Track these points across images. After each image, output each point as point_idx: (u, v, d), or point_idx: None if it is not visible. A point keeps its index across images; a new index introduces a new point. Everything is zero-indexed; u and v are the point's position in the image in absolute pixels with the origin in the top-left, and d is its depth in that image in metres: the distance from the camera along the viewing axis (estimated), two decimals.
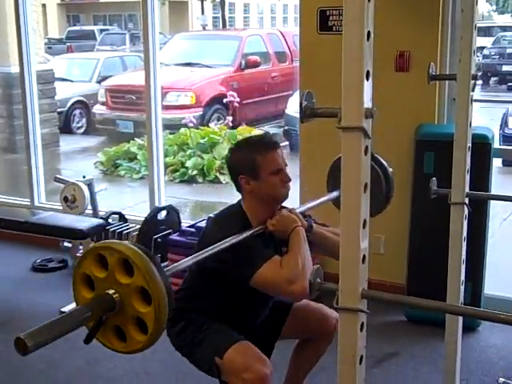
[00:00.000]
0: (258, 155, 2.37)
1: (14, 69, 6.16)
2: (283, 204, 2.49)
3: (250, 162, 2.38)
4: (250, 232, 2.23)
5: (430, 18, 3.74)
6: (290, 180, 2.43)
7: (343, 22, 1.54)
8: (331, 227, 2.54)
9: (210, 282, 2.44)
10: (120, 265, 1.51)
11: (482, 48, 16.28)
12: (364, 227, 1.56)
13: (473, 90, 2.45)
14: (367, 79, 1.50)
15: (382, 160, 2.54)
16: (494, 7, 27.22)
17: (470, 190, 2.54)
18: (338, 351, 1.61)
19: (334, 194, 2.44)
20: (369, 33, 1.50)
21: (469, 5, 2.35)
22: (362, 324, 1.60)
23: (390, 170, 2.57)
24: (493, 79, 15.17)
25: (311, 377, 2.91)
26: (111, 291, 1.52)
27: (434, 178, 2.53)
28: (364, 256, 1.57)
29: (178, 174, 7.75)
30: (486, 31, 17.69)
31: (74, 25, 28.27)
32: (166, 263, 4.42)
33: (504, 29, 18.13)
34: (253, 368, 2.26)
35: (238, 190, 2.46)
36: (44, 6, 24.23)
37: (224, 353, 2.31)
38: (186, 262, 1.90)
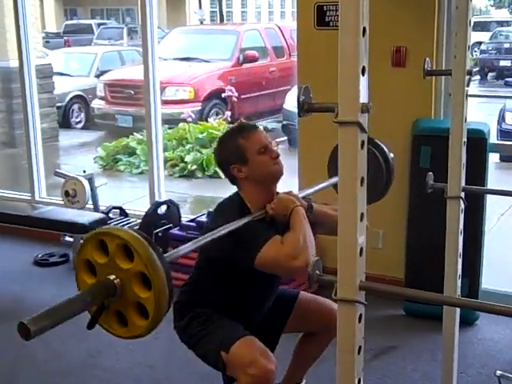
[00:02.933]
0: (241, 139, 2.41)
1: (13, 63, 6.19)
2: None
3: (236, 149, 2.40)
4: (251, 217, 2.27)
5: (427, 13, 3.76)
6: (278, 155, 2.44)
7: (339, 18, 1.57)
8: (332, 205, 2.54)
9: (216, 273, 2.46)
10: (120, 250, 1.53)
11: (480, 43, 16.31)
12: (361, 220, 1.59)
13: (468, 85, 2.48)
14: (363, 74, 1.53)
15: (382, 145, 2.56)
16: (492, 2, 27.21)
17: (466, 184, 2.57)
18: (337, 342, 1.65)
19: (335, 179, 2.47)
20: (364, 29, 1.53)
21: (463, 1, 2.38)
22: (360, 315, 1.63)
23: (391, 155, 2.59)
24: (490, 74, 15.16)
25: (311, 369, 2.95)
26: (112, 276, 1.54)
27: (430, 173, 2.57)
28: (362, 248, 1.61)
29: (177, 168, 7.78)
30: (483, 26, 17.70)
31: (72, 19, 28.20)
32: None
33: (501, 24, 18.13)
34: (258, 363, 2.28)
35: (233, 182, 2.49)
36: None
37: (230, 347, 2.34)
38: (186, 247, 1.94)
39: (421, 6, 3.79)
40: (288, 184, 2.78)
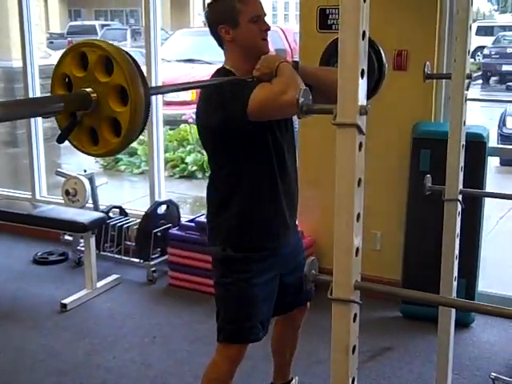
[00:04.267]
0: (237, 2, 2.39)
1: (16, 63, 6.20)
2: None
3: (230, 10, 2.39)
4: (238, 79, 2.28)
5: (429, 17, 3.79)
6: (269, 28, 2.43)
7: (339, 22, 1.59)
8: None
9: (226, 155, 2.42)
10: (101, 63, 1.47)
11: (483, 47, 16.32)
12: (357, 220, 1.61)
13: (467, 89, 2.50)
14: (362, 77, 1.55)
15: (378, 46, 2.59)
16: (496, 7, 27.23)
17: (465, 187, 2.58)
18: (331, 341, 1.66)
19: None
20: (364, 32, 1.55)
21: (464, 5, 2.40)
22: (355, 315, 1.65)
23: (384, 56, 2.61)
24: (493, 79, 15.19)
25: (307, 370, 2.97)
26: (89, 89, 1.47)
27: (428, 175, 2.58)
28: (357, 248, 1.62)
29: (177, 169, 7.80)
30: (486, 31, 17.71)
31: (76, 20, 28.24)
32: (165, 257, 4.48)
33: (504, 28, 18.15)
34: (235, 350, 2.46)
35: (220, 44, 2.48)
36: (46, 0, 24.24)
37: (224, 340, 2.44)
38: (172, 87, 1.94)
39: (423, 10, 3.81)
40: None
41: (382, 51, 2.59)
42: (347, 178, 1.58)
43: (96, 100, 1.47)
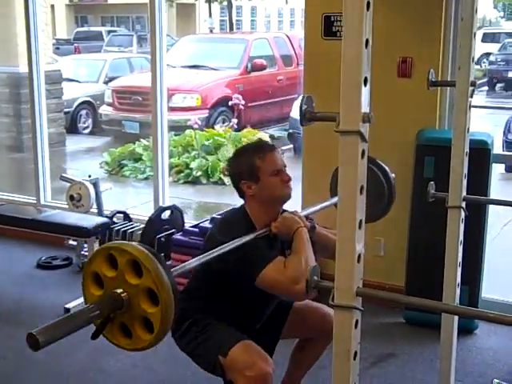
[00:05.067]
0: (257, 158, 2.44)
1: (22, 68, 6.23)
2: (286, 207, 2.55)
3: (250, 167, 2.44)
4: (255, 234, 2.30)
5: (433, 24, 3.79)
6: (290, 179, 2.49)
7: (343, 30, 1.60)
8: (334, 230, 2.59)
9: (215, 282, 2.48)
10: (129, 265, 1.56)
11: (489, 54, 16.33)
12: (360, 228, 1.61)
13: (471, 97, 2.50)
14: (365, 85, 1.56)
15: (384, 166, 2.60)
16: (502, 13, 27.24)
17: (469, 194, 2.59)
18: (332, 347, 1.67)
19: (336, 199, 2.49)
20: (367, 40, 1.55)
21: (468, 13, 2.41)
22: (357, 321, 1.65)
23: (393, 175, 2.63)
24: (498, 85, 15.19)
25: (309, 375, 2.96)
26: (119, 290, 1.57)
27: (432, 182, 2.59)
28: (359, 255, 1.63)
29: (182, 175, 7.81)
30: (492, 37, 17.71)
31: (82, 26, 28.36)
32: (169, 262, 4.48)
33: (510, 35, 18.15)
34: (255, 366, 2.30)
35: (241, 196, 2.53)
36: (52, 6, 24.31)
37: (228, 351, 2.36)
38: (192, 263, 1.98)
39: (427, 18, 3.82)
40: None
41: (387, 169, 2.61)
42: (350, 185, 1.59)
43: (127, 300, 1.57)
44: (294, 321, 2.69)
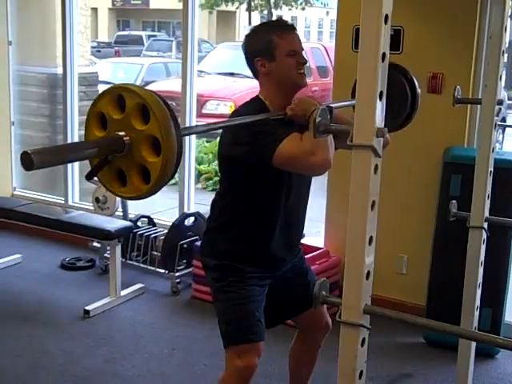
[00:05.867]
0: (275, 35, 2.38)
1: (60, 70, 6.30)
2: None
3: (266, 43, 2.38)
4: (269, 115, 2.23)
5: (465, 40, 3.74)
6: (306, 62, 2.41)
7: (359, 42, 1.58)
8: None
9: (235, 184, 2.43)
10: (138, 110, 1.49)
11: None
12: (370, 244, 1.59)
13: (497, 115, 2.46)
14: (380, 99, 1.54)
15: (413, 78, 2.51)
16: None
17: (494, 215, 2.54)
18: (338, 365, 1.63)
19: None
20: (384, 54, 1.53)
21: (497, 31, 2.37)
22: (364, 339, 1.62)
23: (419, 90, 2.54)
24: None
25: None
26: (122, 133, 1.50)
27: (454, 201, 2.55)
28: (368, 272, 1.60)
29: (211, 182, 7.82)
30: None
31: (124, 29, 28.71)
32: (190, 269, 4.48)
33: None
34: (246, 359, 2.36)
35: (255, 75, 2.47)
36: (95, 10, 24.69)
37: (231, 344, 2.39)
38: (203, 126, 1.99)
39: (460, 33, 3.76)
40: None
41: (415, 82, 2.52)
42: (361, 201, 1.56)
43: (129, 144, 1.50)
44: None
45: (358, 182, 1.56)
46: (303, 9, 26.76)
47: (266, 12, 25.09)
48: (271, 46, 2.37)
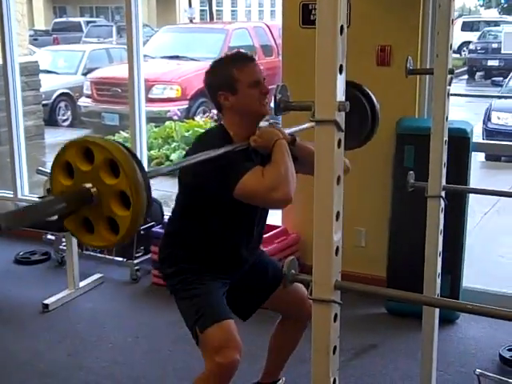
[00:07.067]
0: (235, 69, 2.39)
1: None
2: None
3: (228, 77, 2.39)
4: (233, 147, 2.24)
5: (412, 12, 3.76)
6: (268, 91, 2.42)
7: (317, 16, 1.56)
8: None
9: (196, 203, 2.44)
10: (107, 164, 1.47)
11: (468, 43, 16.39)
12: (337, 219, 1.58)
13: (449, 84, 2.47)
14: (340, 73, 1.52)
15: (371, 94, 2.53)
16: (481, 2, 27.30)
17: (449, 183, 2.57)
18: (311, 341, 1.63)
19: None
20: (342, 27, 1.51)
21: (446, 0, 2.38)
22: (336, 315, 1.62)
23: (378, 106, 2.56)
24: (478, 74, 15.26)
25: (290, 369, 2.94)
26: (89, 185, 1.47)
27: (411, 172, 2.56)
28: (337, 248, 1.60)
29: (162, 166, 7.75)
30: (472, 26, 17.77)
31: (61, 16, 28.07)
32: (148, 256, 4.44)
33: (489, 23, 18.21)
34: (225, 352, 2.31)
35: (218, 109, 2.48)
36: None
37: (205, 328, 2.35)
38: (167, 168, 1.99)
39: (406, 5, 3.78)
40: None
41: (373, 97, 2.53)
42: (326, 176, 1.55)
43: (97, 197, 1.47)
44: (279, 293, 2.65)
45: (323, 157, 1.55)
46: None
47: None
48: (232, 80, 2.38)
